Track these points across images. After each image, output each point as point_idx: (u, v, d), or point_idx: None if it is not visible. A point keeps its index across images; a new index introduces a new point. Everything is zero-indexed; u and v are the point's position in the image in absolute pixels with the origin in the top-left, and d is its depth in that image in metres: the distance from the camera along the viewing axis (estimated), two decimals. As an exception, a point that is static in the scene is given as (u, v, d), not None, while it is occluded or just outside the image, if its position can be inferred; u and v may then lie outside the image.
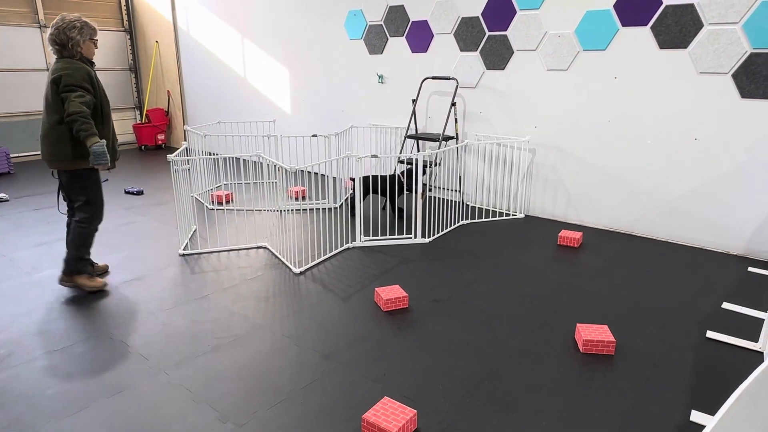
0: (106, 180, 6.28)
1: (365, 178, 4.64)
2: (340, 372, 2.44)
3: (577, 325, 2.75)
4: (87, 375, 2.43)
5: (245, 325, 2.88)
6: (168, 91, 8.38)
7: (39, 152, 7.69)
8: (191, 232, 4.37)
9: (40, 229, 4.52)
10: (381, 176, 4.68)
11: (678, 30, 3.88)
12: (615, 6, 4.13)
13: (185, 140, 8.08)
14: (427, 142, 5.50)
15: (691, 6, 3.80)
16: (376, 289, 3.18)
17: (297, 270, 3.60)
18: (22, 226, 4.57)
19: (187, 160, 5.52)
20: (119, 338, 2.75)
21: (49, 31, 2.94)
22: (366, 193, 4.67)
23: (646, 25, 4.02)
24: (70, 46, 2.95)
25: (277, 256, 3.89)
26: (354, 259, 3.84)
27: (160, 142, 8.45)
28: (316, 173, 6.56)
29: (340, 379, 2.39)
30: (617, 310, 3.06)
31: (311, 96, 6.50)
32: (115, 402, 2.24)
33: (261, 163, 6.91)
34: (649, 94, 4.12)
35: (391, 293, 3.11)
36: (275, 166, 3.83)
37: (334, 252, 3.96)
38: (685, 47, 3.89)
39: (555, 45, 4.49)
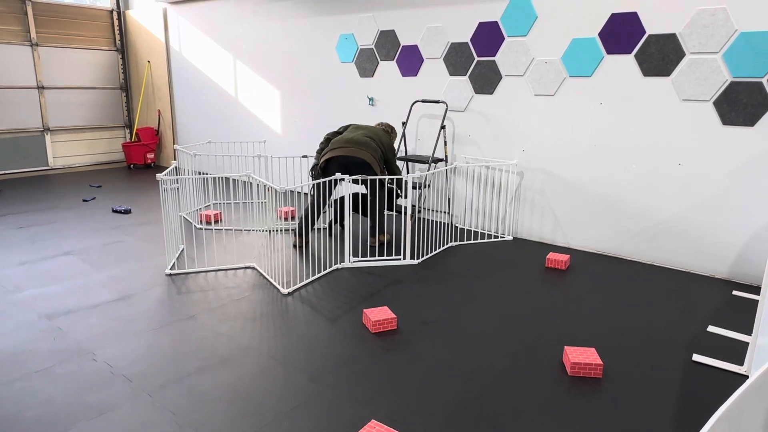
0: (94, 198, 6.24)
1: (353, 197, 4.66)
2: (327, 394, 2.42)
3: (565, 347, 2.75)
4: (68, 397, 2.38)
5: (231, 347, 2.85)
6: (159, 111, 8.39)
7: (30, 169, 7.66)
8: (179, 252, 4.34)
9: (25, 247, 4.46)
10: (362, 195, 4.72)
11: (661, 58, 4.00)
12: (600, 34, 4.24)
13: (175, 159, 8.06)
14: (416, 164, 5.54)
15: (673, 36, 3.92)
16: (364, 310, 3.17)
17: (285, 291, 3.58)
18: (6, 245, 4.51)
19: (177, 179, 5.51)
20: (102, 359, 2.70)
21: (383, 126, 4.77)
22: (353, 211, 4.69)
23: (630, 53, 4.13)
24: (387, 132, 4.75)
25: (265, 277, 3.87)
26: (342, 280, 3.84)
27: (149, 161, 8.43)
28: (305, 194, 6.56)
29: (327, 401, 2.37)
30: (604, 333, 3.07)
31: (302, 117, 6.55)
32: (97, 424, 2.20)
33: (251, 183, 6.91)
34: (633, 119, 4.21)
35: (379, 315, 3.09)
36: (265, 186, 3.85)
37: (322, 273, 3.95)
38: (668, 75, 3.99)
39: (542, 71, 4.58)
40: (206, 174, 6.96)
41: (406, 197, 4.45)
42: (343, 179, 3.91)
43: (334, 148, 4.31)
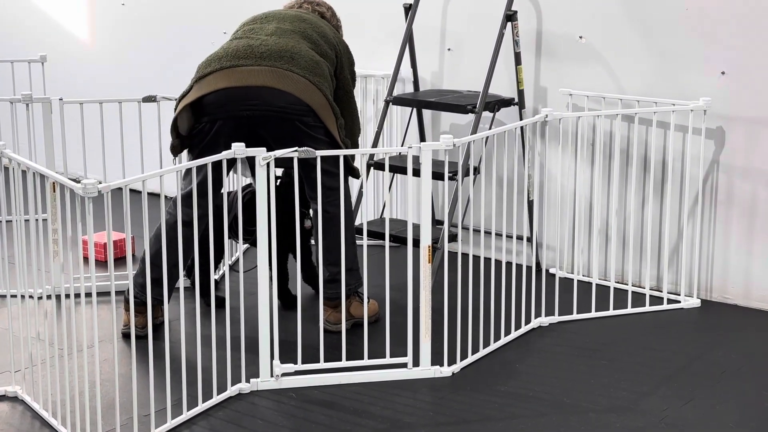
0: None
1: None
2: None
3: None
4: None
5: None
6: None
7: None
8: None
9: None
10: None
11: None
12: None
13: None
14: (443, 115, 5.50)
15: None
16: None
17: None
18: None
19: None
20: None
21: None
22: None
23: None
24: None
25: (43, 420, 3.85)
26: (255, 424, 3.89)
27: None
28: (151, 194, 6.43)
29: None
30: None
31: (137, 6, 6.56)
32: None
33: (7, 171, 6.83)
34: None
35: None
36: (45, 179, 3.76)
37: (201, 405, 3.92)
38: None
39: None
40: None
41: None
42: (253, 158, 3.98)
43: (213, 71, 4.57)
